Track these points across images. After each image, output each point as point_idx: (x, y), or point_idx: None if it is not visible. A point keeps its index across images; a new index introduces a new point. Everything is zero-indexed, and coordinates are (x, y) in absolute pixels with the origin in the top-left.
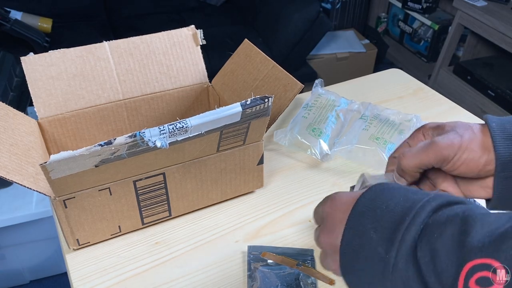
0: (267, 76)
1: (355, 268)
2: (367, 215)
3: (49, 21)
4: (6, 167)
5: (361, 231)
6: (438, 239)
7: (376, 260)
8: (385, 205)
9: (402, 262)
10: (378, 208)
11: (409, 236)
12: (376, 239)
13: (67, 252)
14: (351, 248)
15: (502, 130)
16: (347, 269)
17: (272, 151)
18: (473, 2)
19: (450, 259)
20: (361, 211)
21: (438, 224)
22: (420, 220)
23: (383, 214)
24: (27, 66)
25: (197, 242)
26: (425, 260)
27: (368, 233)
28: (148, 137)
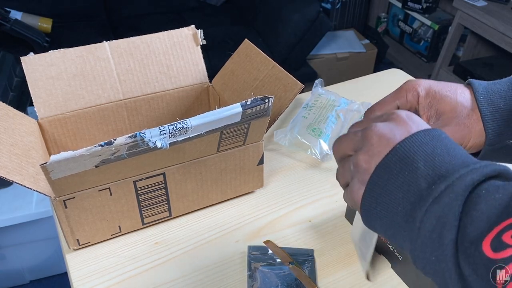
0: (267, 76)
1: (383, 190)
2: (424, 147)
3: (49, 21)
4: (6, 167)
5: (410, 158)
6: (484, 196)
7: (411, 190)
8: (446, 149)
9: (450, 197)
10: (438, 147)
11: (469, 178)
12: (423, 171)
13: (67, 252)
14: (389, 169)
15: (489, 104)
16: (373, 187)
17: (272, 151)
18: (473, 2)
19: (488, 215)
20: (419, 142)
21: (491, 185)
22: (485, 172)
23: (442, 154)
24: (27, 66)
25: (197, 242)
26: (465, 208)
27: (416, 163)
28: (148, 137)
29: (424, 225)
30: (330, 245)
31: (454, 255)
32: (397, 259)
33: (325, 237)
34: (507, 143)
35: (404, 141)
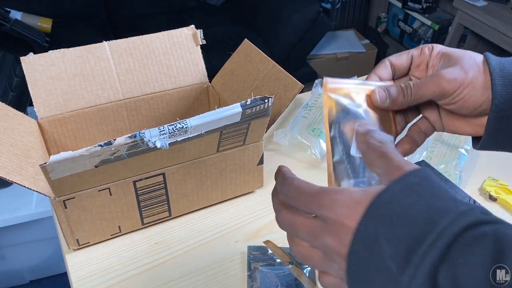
0: (267, 76)
1: (363, 281)
2: (381, 222)
3: (49, 21)
4: (6, 167)
5: (373, 239)
6: (464, 266)
7: (386, 276)
8: (403, 212)
9: (418, 285)
10: (394, 215)
11: (429, 260)
12: (389, 253)
13: (67, 252)
14: (359, 257)
15: (501, 69)
16: (354, 279)
17: (272, 151)
18: (473, 2)
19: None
20: (373, 216)
21: (464, 247)
22: (444, 242)
23: (400, 224)
24: (27, 66)
25: (197, 242)
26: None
27: (380, 244)
28: (148, 137)
29: None
30: None
31: None
32: None
33: None
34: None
35: (354, 236)
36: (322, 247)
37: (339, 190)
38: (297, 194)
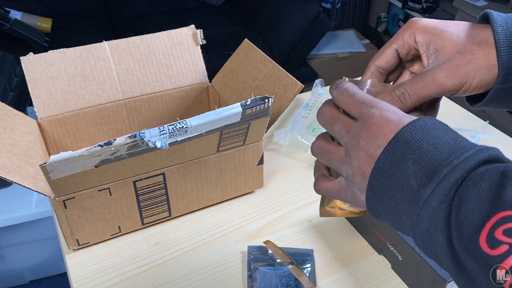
0: (267, 76)
1: (382, 192)
2: (410, 145)
3: (49, 21)
4: (6, 167)
5: (399, 159)
6: (471, 187)
7: (405, 190)
8: (432, 141)
9: (436, 201)
10: (424, 141)
11: (452, 178)
12: (413, 171)
13: (67, 252)
14: (383, 172)
15: (507, 37)
16: (373, 191)
17: (272, 151)
18: (473, 2)
19: (479, 208)
20: (406, 139)
21: (476, 175)
22: (468, 166)
23: (428, 149)
24: (27, 66)
25: (197, 242)
26: (454, 206)
27: (405, 163)
28: (148, 137)
29: (419, 228)
30: (330, 245)
31: (449, 254)
32: (397, 259)
33: (325, 237)
34: None
35: (390, 143)
36: (349, 144)
37: (388, 105)
38: (352, 94)
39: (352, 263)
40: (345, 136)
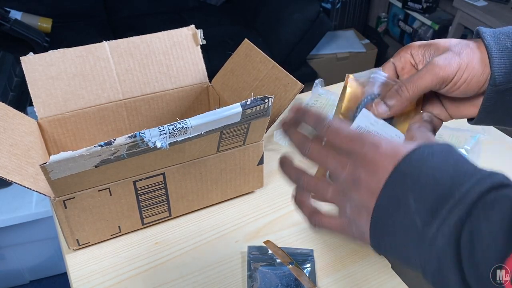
0: (267, 76)
1: (386, 231)
2: (409, 179)
3: (49, 21)
4: (6, 167)
5: (401, 195)
6: (483, 221)
7: (410, 228)
8: (431, 173)
9: (443, 240)
10: (423, 174)
11: (455, 215)
12: (415, 208)
13: (67, 252)
14: (385, 210)
15: (496, 42)
16: (376, 229)
17: (272, 151)
18: (473, 2)
19: (495, 245)
20: (404, 172)
21: (485, 206)
22: (471, 199)
23: (428, 183)
24: (27, 66)
25: (197, 242)
26: (465, 243)
27: (407, 199)
28: (148, 137)
29: (428, 267)
30: (330, 246)
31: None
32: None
33: (325, 237)
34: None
35: (390, 176)
36: (348, 181)
37: (379, 137)
38: (337, 131)
39: (352, 263)
40: (341, 173)
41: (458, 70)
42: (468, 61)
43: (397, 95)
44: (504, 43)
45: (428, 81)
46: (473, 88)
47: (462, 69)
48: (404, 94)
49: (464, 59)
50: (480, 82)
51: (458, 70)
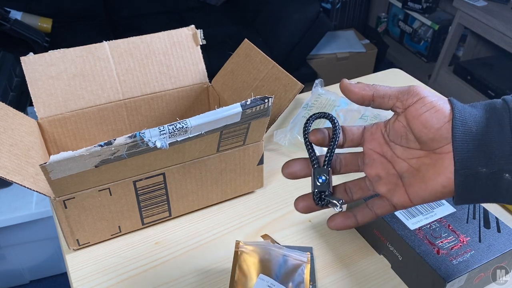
0: (267, 76)
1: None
2: None
3: (49, 21)
4: (6, 168)
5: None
6: None
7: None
8: None
9: None
10: None
11: None
12: None
13: (67, 252)
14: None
15: (463, 123)
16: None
17: (272, 151)
18: (473, 2)
19: None
20: None
21: None
22: None
23: None
24: (27, 66)
25: (197, 242)
26: None
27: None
28: (148, 137)
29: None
30: (330, 245)
31: None
32: (397, 259)
33: (325, 237)
34: (479, 170)
35: None
36: None
37: None
38: None
39: (352, 263)
40: None
41: (424, 97)
42: (434, 103)
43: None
44: (469, 127)
45: (393, 89)
46: (433, 124)
47: (429, 98)
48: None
49: (430, 99)
50: (440, 120)
51: (425, 98)
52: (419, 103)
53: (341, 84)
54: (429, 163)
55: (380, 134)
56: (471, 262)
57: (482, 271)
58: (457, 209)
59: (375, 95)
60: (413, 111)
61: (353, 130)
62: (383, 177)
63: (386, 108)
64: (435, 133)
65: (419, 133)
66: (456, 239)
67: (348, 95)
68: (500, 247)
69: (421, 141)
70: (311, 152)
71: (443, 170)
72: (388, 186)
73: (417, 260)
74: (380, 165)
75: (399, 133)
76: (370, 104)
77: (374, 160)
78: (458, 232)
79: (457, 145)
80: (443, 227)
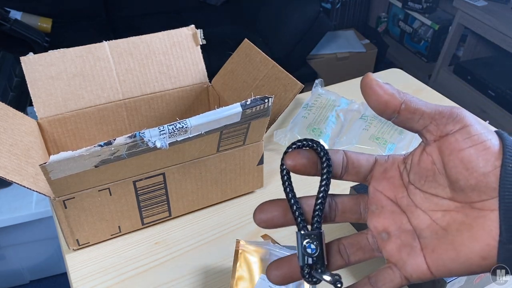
0: (267, 76)
1: None
2: None
3: (49, 21)
4: (6, 168)
5: None
6: None
7: None
8: None
9: None
10: None
11: None
12: None
13: (66, 252)
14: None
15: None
16: None
17: (272, 151)
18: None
19: None
20: None
21: None
22: None
23: None
24: (27, 66)
25: (197, 242)
26: None
27: None
28: (148, 137)
29: None
30: None
31: None
32: None
33: (325, 237)
34: None
35: None
36: None
37: None
38: None
39: None
40: None
41: (468, 125)
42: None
43: None
44: None
45: (431, 108)
46: (477, 165)
47: (474, 130)
48: None
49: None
50: (488, 160)
51: (470, 126)
52: (463, 133)
53: (364, 79)
54: (464, 221)
55: (397, 171)
56: None
57: None
58: None
59: (404, 106)
60: (452, 142)
61: (360, 161)
62: (393, 234)
63: (414, 128)
64: (480, 180)
65: (456, 176)
66: None
67: (368, 96)
68: None
69: (456, 186)
70: (292, 197)
71: (485, 235)
72: (399, 247)
73: None
74: (390, 216)
75: (424, 172)
76: (392, 116)
77: (383, 208)
78: None
79: (505, 204)
80: None
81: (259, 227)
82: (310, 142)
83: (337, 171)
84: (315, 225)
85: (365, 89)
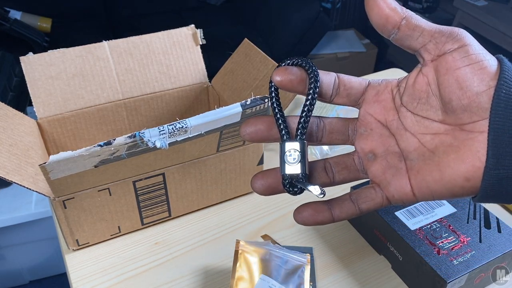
0: (267, 76)
1: None
2: None
3: (48, 21)
4: (6, 167)
5: None
6: None
7: None
8: None
9: None
10: None
11: None
12: None
13: (66, 253)
14: None
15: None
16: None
17: (272, 151)
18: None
19: None
20: None
21: None
22: None
23: None
24: (27, 66)
25: (197, 242)
26: None
27: None
28: (147, 137)
29: None
30: (330, 245)
31: None
32: (397, 259)
33: (325, 237)
34: None
35: None
36: None
37: None
38: None
39: (352, 263)
40: None
41: (468, 43)
42: None
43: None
44: None
45: (432, 25)
46: (473, 82)
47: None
48: None
49: None
50: (484, 78)
51: (468, 45)
52: (461, 52)
53: None
54: (451, 143)
55: (389, 94)
56: (472, 262)
57: (483, 271)
58: (458, 209)
59: (404, 22)
60: (449, 61)
61: (352, 83)
62: (380, 155)
63: (412, 46)
64: (472, 99)
65: (450, 95)
66: (456, 239)
67: (371, 9)
68: (500, 247)
69: (448, 108)
70: (278, 111)
71: (471, 157)
72: (384, 168)
73: (418, 260)
74: (378, 138)
75: (418, 94)
76: (391, 33)
77: (372, 131)
78: (458, 232)
79: (495, 126)
80: (443, 227)
81: (261, 226)
82: (300, 60)
83: (328, 92)
84: (298, 137)
85: (368, 2)
